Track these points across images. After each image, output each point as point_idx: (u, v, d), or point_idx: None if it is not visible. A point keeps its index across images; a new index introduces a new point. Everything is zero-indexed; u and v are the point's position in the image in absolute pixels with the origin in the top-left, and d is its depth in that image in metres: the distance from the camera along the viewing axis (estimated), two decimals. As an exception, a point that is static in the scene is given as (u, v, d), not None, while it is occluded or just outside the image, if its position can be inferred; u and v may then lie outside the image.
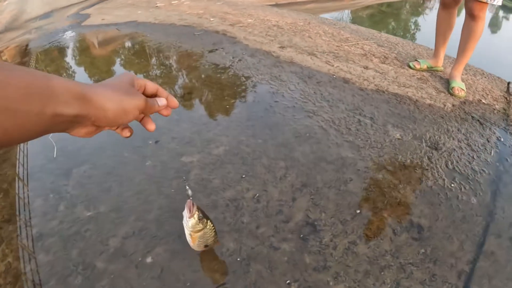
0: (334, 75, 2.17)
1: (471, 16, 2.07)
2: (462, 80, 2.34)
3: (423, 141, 1.68)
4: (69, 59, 3.10)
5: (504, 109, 2.14)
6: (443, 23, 2.31)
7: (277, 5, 9.99)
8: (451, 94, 2.18)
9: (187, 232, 1.10)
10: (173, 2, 5.07)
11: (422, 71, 2.44)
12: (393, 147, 1.60)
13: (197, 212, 1.05)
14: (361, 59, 2.48)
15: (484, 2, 1.96)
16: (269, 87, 2.00)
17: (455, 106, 2.06)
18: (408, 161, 1.54)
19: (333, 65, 2.31)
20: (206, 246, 1.11)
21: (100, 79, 2.50)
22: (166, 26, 3.56)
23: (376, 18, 15.71)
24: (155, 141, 1.61)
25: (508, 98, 2.35)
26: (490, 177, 1.55)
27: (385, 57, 2.59)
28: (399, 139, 1.65)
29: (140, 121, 0.53)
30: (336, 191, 1.36)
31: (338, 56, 2.49)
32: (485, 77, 2.59)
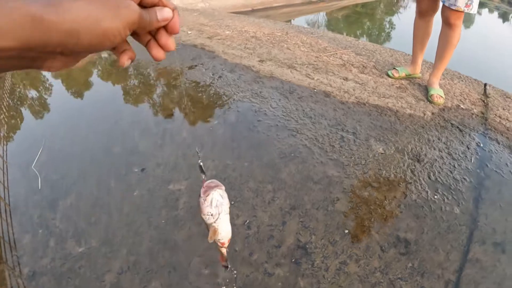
0: (315, 89, 2.22)
1: (448, 25, 2.15)
2: (440, 85, 2.44)
3: (405, 153, 1.75)
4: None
5: (482, 113, 2.25)
6: (420, 31, 2.40)
7: (253, 11, 10.05)
8: (430, 102, 2.27)
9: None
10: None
11: (401, 79, 2.52)
12: (376, 163, 1.65)
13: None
14: (341, 70, 2.54)
15: (460, 11, 2.04)
16: (251, 105, 2.03)
17: (434, 114, 2.14)
18: (392, 175, 1.60)
19: (313, 78, 2.36)
20: None
21: (77, 92, 2.48)
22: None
23: (351, 19, 16.00)
24: (140, 169, 1.62)
25: (485, 101, 2.44)
26: (472, 185, 1.63)
27: (363, 66, 2.66)
28: (382, 153, 1.71)
29: (146, 45, 0.41)
30: (325, 212, 1.41)
31: (317, 68, 2.55)
32: (462, 80, 2.68)
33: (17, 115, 2.22)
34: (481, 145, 1.92)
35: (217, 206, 0.76)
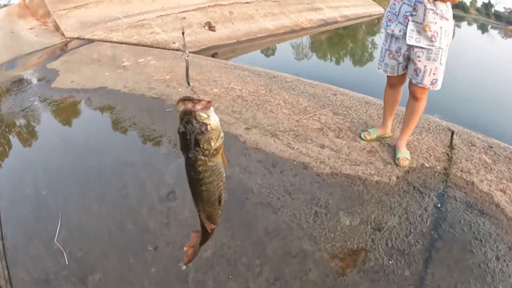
0: (295, 160, 2.66)
1: (414, 98, 2.51)
2: (408, 142, 2.83)
3: (368, 223, 2.18)
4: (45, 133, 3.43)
5: (445, 169, 2.62)
6: (390, 99, 2.79)
7: (238, 42, 10.48)
8: (397, 165, 2.62)
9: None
10: (139, 60, 5.46)
11: (372, 140, 2.92)
12: (343, 235, 2.09)
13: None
14: (318, 136, 2.98)
15: (426, 88, 2.43)
16: (240, 182, 2.46)
17: (399, 178, 2.52)
18: (355, 246, 2.04)
19: (293, 148, 2.80)
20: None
21: (76, 163, 2.86)
22: (137, 97, 3.97)
23: (334, 41, 16.68)
24: (154, 247, 2.02)
25: (450, 154, 2.80)
26: (424, 247, 2.03)
27: (339, 129, 3.09)
28: (348, 225, 2.15)
29: None
30: (300, 281, 1.84)
31: (298, 134, 2.99)
32: (431, 133, 3.06)
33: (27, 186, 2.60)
34: (439, 205, 2.27)
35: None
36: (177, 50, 7.19)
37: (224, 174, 1.06)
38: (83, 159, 2.89)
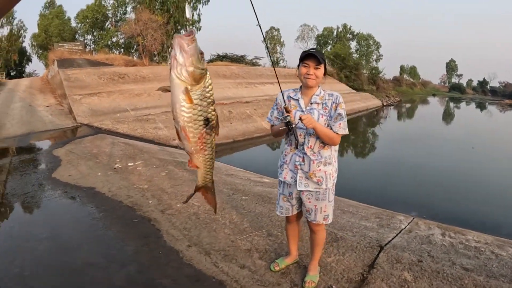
0: (214, 278, 3.41)
1: (312, 232, 2.87)
2: (327, 263, 3.17)
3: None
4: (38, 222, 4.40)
5: None
6: (291, 233, 3.11)
7: (234, 142, 11.71)
8: None
9: (179, 90, 1.27)
10: (129, 164, 6.61)
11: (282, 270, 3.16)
12: None
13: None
14: (244, 256, 3.52)
15: (321, 224, 2.78)
16: (167, 291, 3.34)
17: None
18: None
19: (218, 266, 3.48)
20: (206, 123, 1.35)
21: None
22: (115, 203, 4.99)
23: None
24: None
25: (365, 274, 3.01)
26: None
27: (266, 250, 3.55)
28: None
29: None
30: None
31: (227, 255, 3.75)
32: (355, 252, 3.36)
33: None
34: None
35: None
36: (175, 147, 8.40)
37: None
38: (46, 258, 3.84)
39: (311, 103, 2.67)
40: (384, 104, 35.01)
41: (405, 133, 20.57)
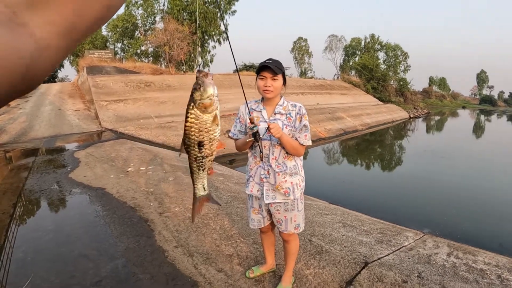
0: (190, 278, 3.89)
1: (285, 241, 2.93)
2: (304, 275, 3.22)
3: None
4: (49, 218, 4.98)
5: None
6: (266, 242, 3.19)
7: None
8: None
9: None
10: (141, 168, 7.16)
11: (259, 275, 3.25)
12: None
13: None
14: (224, 261, 4.00)
15: (292, 233, 2.84)
16: (142, 285, 3.78)
17: None
18: None
19: (197, 268, 3.95)
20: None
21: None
22: (120, 203, 5.51)
23: (361, 147, 18.24)
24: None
25: None
26: None
27: (247, 257, 4.03)
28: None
29: None
30: None
31: (209, 258, 4.15)
32: (336, 266, 3.40)
33: None
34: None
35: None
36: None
37: (215, 135, 1.50)
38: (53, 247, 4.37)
39: (275, 113, 2.68)
40: (411, 116, 34.83)
41: (431, 145, 20.10)
